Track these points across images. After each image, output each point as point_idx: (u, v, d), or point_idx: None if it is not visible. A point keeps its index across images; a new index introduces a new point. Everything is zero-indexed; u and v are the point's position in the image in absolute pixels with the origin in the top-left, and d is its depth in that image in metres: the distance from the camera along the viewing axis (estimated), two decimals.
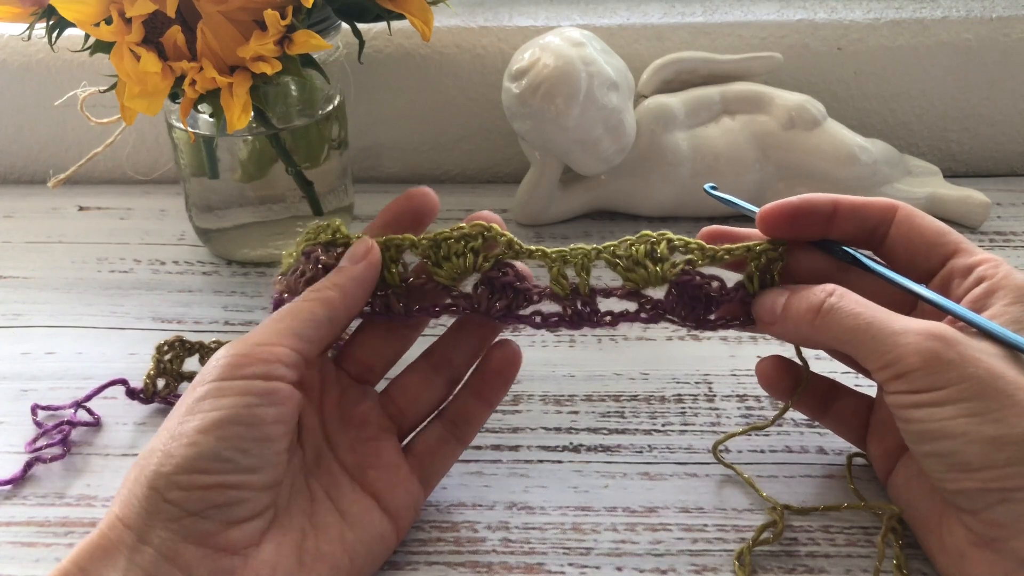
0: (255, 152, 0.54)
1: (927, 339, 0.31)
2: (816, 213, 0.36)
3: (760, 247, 0.37)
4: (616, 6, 0.65)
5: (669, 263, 0.37)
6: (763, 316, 0.36)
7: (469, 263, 0.37)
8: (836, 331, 0.33)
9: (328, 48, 0.46)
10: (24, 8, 0.46)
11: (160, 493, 0.30)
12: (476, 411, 0.39)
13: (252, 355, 0.33)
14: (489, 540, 0.38)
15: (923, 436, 0.31)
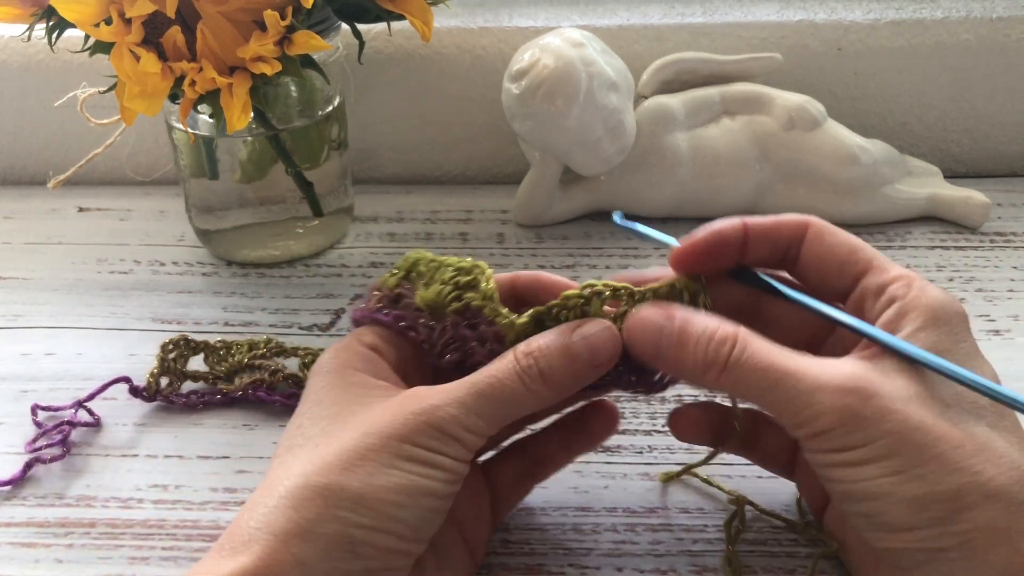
0: (255, 153, 0.54)
1: (842, 395, 0.29)
2: (727, 242, 0.34)
3: (681, 283, 0.34)
4: (616, 7, 0.65)
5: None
6: (643, 348, 0.32)
7: (444, 295, 0.34)
8: (744, 389, 0.31)
9: (328, 49, 0.46)
10: (24, 9, 0.46)
11: (354, 545, 0.29)
12: (558, 457, 0.37)
13: (461, 440, 0.31)
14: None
15: (846, 496, 0.30)
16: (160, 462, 0.42)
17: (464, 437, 0.31)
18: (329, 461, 0.30)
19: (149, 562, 0.37)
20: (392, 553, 0.30)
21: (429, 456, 0.30)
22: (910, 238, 0.57)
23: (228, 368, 0.46)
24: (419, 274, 0.36)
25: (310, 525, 0.29)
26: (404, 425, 0.30)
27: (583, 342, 0.32)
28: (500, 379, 0.32)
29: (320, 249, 0.58)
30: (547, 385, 0.32)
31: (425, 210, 0.62)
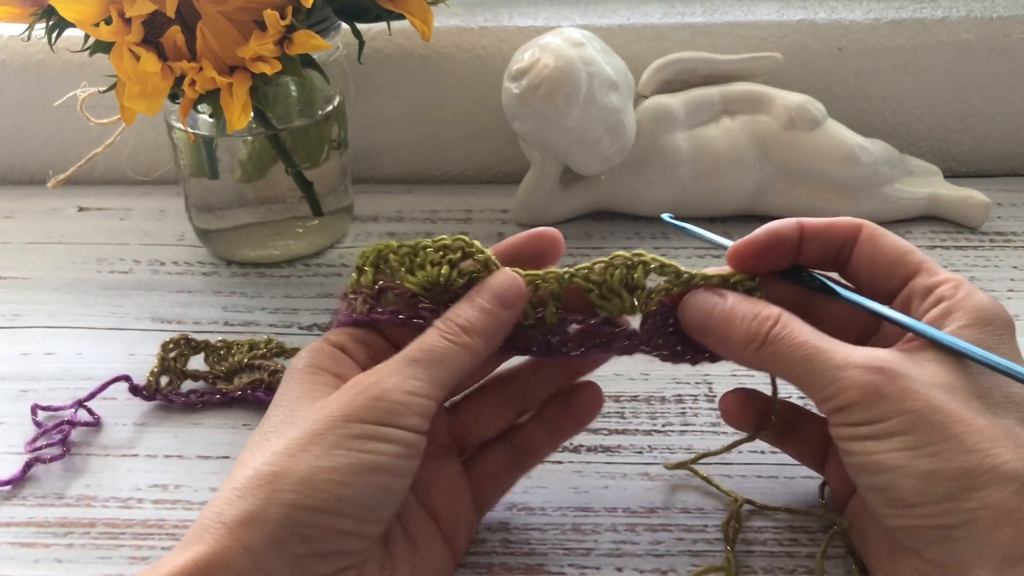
0: (255, 152, 0.54)
1: (867, 372, 0.31)
2: (784, 243, 0.35)
3: (736, 278, 0.35)
4: (616, 6, 0.65)
5: (646, 293, 0.35)
6: (694, 325, 0.34)
7: (444, 274, 0.35)
8: (779, 362, 0.33)
9: (328, 48, 0.46)
10: (24, 8, 0.46)
11: (297, 526, 0.29)
12: (543, 444, 0.38)
13: (408, 405, 0.31)
14: (489, 541, 0.38)
15: (862, 469, 0.31)
16: (160, 462, 0.42)
17: (409, 402, 0.31)
18: (277, 451, 0.31)
19: (149, 562, 0.37)
20: (341, 535, 0.30)
21: (376, 430, 0.31)
22: (910, 238, 0.57)
23: (228, 368, 0.46)
24: (391, 265, 0.36)
25: (256, 511, 0.29)
26: (348, 406, 0.31)
27: (487, 292, 0.34)
28: (427, 342, 0.33)
29: (320, 249, 0.58)
30: (470, 334, 0.33)
31: (425, 209, 0.62)
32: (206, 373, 0.46)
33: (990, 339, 0.32)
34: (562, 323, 0.35)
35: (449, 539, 0.35)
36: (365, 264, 0.36)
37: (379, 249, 0.36)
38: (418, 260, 0.36)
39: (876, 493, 0.31)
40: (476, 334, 0.34)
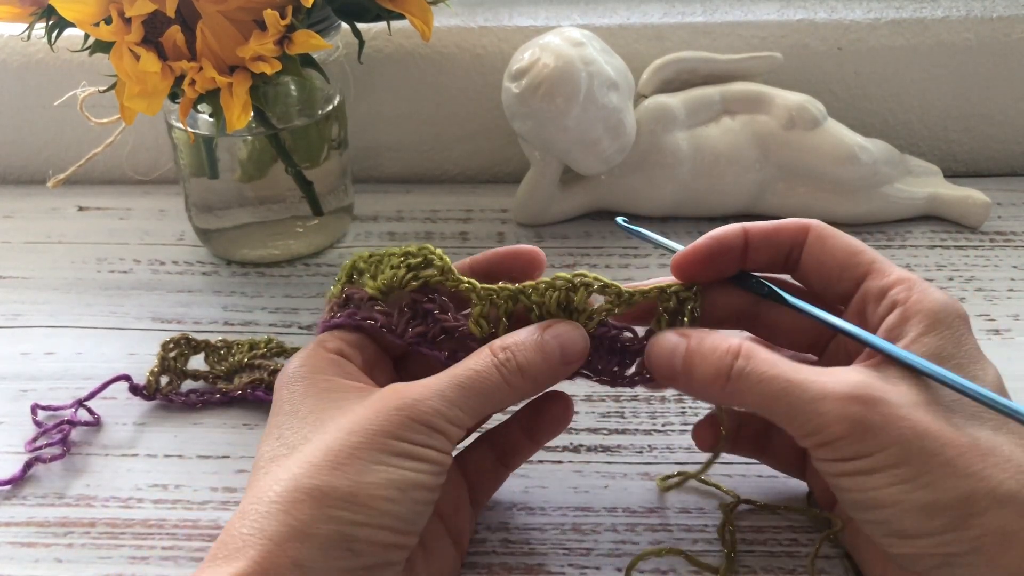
0: (255, 152, 0.54)
1: (848, 403, 0.30)
2: (728, 249, 0.34)
3: (673, 288, 0.35)
4: (616, 6, 0.65)
5: (585, 315, 0.34)
6: (659, 370, 0.34)
7: (399, 277, 0.35)
8: (749, 399, 0.31)
9: (328, 48, 0.46)
10: (24, 8, 0.46)
11: (349, 542, 0.29)
12: (524, 446, 0.38)
13: (444, 432, 0.31)
14: (489, 540, 0.38)
15: (858, 505, 0.31)
16: (160, 462, 0.42)
17: (447, 429, 0.31)
18: (316, 463, 0.30)
19: (149, 562, 0.37)
20: (388, 548, 0.30)
21: (414, 450, 0.31)
22: (910, 237, 0.57)
23: (228, 368, 0.46)
24: (360, 272, 0.37)
25: (304, 527, 0.29)
26: (388, 421, 0.31)
27: (555, 340, 0.33)
28: (479, 372, 0.32)
29: (320, 248, 0.58)
30: (524, 378, 0.33)
31: (425, 209, 0.62)
32: (206, 373, 0.46)
33: (950, 344, 0.31)
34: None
35: (455, 538, 0.35)
36: (341, 275, 0.37)
37: (354, 260, 0.37)
38: (382, 267, 0.36)
39: (875, 525, 0.31)
40: (531, 379, 0.33)
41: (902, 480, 0.29)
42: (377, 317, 0.35)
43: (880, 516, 0.30)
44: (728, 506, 0.38)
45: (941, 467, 0.29)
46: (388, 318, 0.35)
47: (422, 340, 0.35)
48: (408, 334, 0.35)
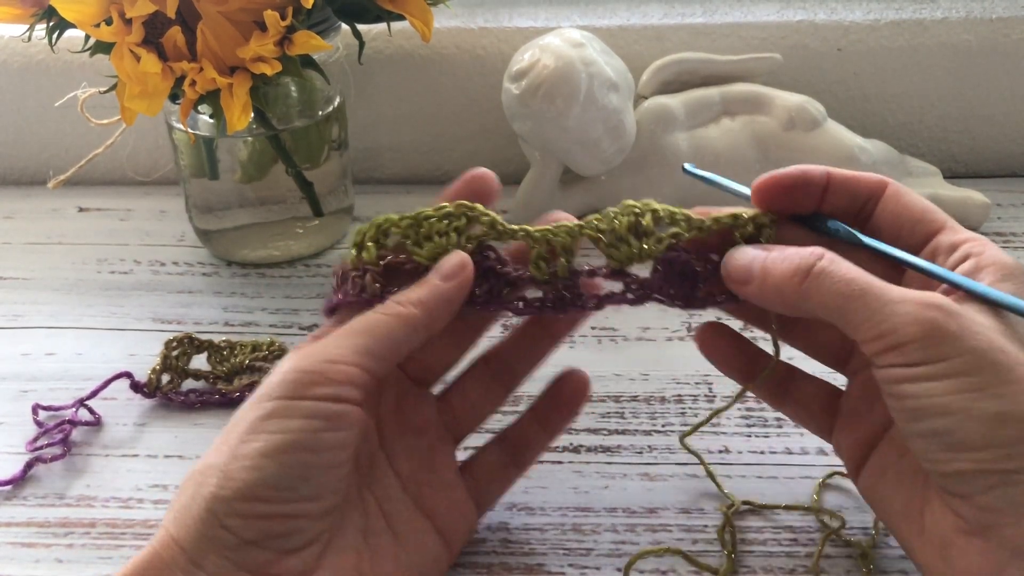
0: (255, 153, 0.54)
1: (926, 308, 0.29)
2: (811, 184, 0.34)
3: (748, 215, 0.34)
4: (616, 7, 0.65)
5: (654, 238, 0.34)
6: (736, 274, 0.33)
7: (451, 243, 0.34)
8: (824, 297, 0.31)
9: (328, 49, 0.46)
10: (24, 9, 0.46)
11: (217, 518, 0.29)
12: (538, 438, 0.38)
13: (323, 373, 0.30)
14: (489, 540, 0.38)
15: (918, 413, 0.29)
16: (160, 462, 0.42)
17: (325, 370, 0.30)
18: (212, 445, 0.31)
19: None
20: (264, 519, 0.30)
21: (287, 405, 0.30)
22: None
23: (230, 368, 0.46)
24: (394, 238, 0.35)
25: (182, 508, 0.30)
26: (266, 385, 0.31)
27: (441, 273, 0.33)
28: (359, 318, 0.32)
29: (320, 249, 0.58)
30: (405, 306, 0.32)
31: None
32: (207, 373, 0.46)
33: (1022, 292, 0.31)
34: (574, 276, 0.35)
35: (445, 534, 0.35)
36: (365, 240, 0.35)
37: (379, 224, 0.35)
38: (423, 231, 0.35)
39: (932, 438, 0.29)
40: (411, 304, 0.32)
41: (972, 388, 0.28)
42: None
43: (941, 425, 0.29)
44: (728, 508, 0.38)
45: (1014, 382, 0.28)
46: None
47: (489, 298, 0.35)
48: (475, 296, 0.34)
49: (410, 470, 0.35)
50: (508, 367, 0.37)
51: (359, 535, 0.32)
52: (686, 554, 0.36)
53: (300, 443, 0.30)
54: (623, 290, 0.35)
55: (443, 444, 0.36)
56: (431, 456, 0.36)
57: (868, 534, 0.37)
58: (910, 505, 0.32)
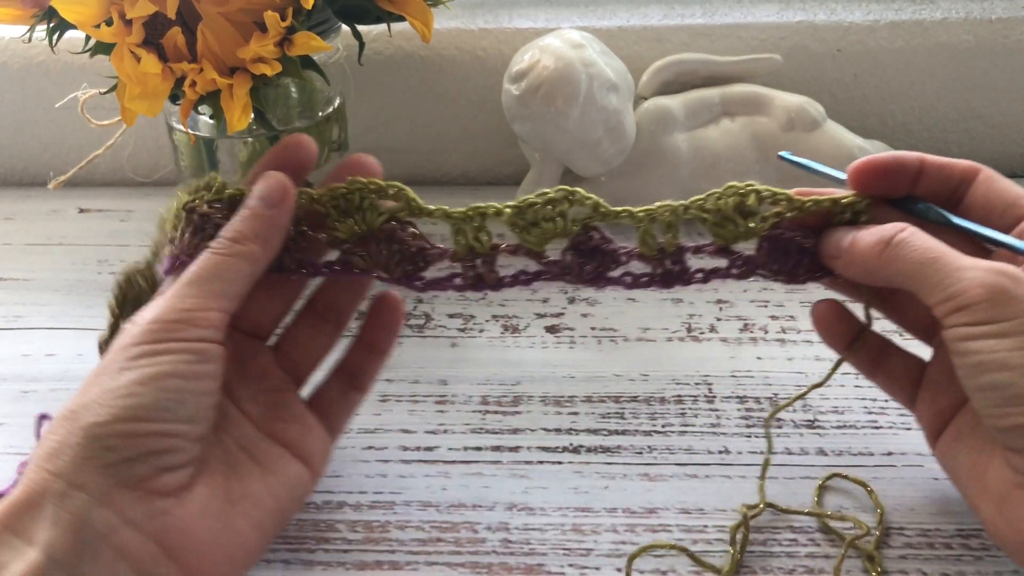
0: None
1: (994, 274, 0.32)
2: (905, 168, 0.37)
3: (847, 199, 0.37)
4: (616, 8, 0.65)
5: (759, 217, 0.37)
6: (828, 250, 0.37)
7: (559, 227, 0.37)
8: (902, 264, 0.34)
9: (328, 50, 0.46)
10: (25, 10, 0.46)
11: (99, 440, 0.31)
12: (370, 361, 0.40)
13: (185, 321, 0.33)
14: (489, 541, 0.38)
15: (980, 368, 0.31)
16: None
17: (185, 318, 0.33)
18: (77, 392, 0.32)
19: None
20: (144, 437, 0.31)
21: (155, 347, 0.32)
22: None
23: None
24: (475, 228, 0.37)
25: (59, 443, 0.31)
26: (127, 335, 0.33)
27: (254, 197, 0.36)
28: (199, 263, 0.34)
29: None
30: (242, 243, 0.35)
31: None
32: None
33: None
34: (680, 252, 0.37)
35: (303, 458, 0.36)
36: (214, 192, 0.37)
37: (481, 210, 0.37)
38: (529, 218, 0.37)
39: (992, 392, 0.31)
40: (247, 240, 0.35)
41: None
42: (552, 268, 0.38)
43: (1001, 379, 0.31)
44: (750, 508, 0.38)
45: None
46: (557, 265, 0.37)
47: (598, 275, 0.37)
48: (585, 274, 0.37)
49: (258, 412, 0.37)
50: (333, 307, 0.40)
51: (225, 465, 0.34)
52: (690, 552, 0.37)
53: (173, 372, 0.32)
54: (728, 266, 0.38)
55: (285, 386, 0.38)
56: (276, 398, 0.37)
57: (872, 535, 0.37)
58: (977, 467, 0.34)
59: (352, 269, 0.38)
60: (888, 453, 0.41)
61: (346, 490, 0.40)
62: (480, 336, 0.50)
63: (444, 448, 0.42)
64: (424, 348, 0.49)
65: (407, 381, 0.47)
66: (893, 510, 0.39)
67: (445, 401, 0.45)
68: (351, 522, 0.39)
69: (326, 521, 0.39)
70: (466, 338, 0.50)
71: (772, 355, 0.48)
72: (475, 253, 0.37)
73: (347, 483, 0.41)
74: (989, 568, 0.36)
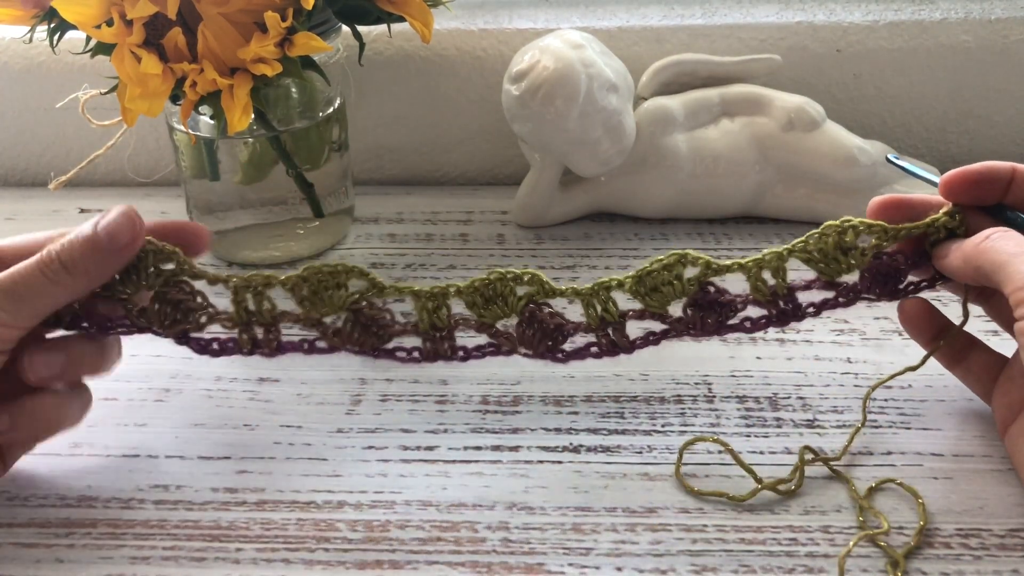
0: (256, 154, 0.54)
1: None
2: (996, 178, 0.39)
3: (940, 221, 0.40)
4: (615, 8, 0.65)
5: (859, 252, 0.40)
6: (939, 252, 0.40)
7: (677, 291, 0.40)
8: (991, 256, 0.36)
9: (328, 50, 0.46)
10: (26, 10, 0.46)
11: None
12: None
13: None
14: (489, 540, 0.38)
15: None
16: (161, 462, 0.42)
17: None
18: None
19: (150, 562, 0.37)
20: None
21: None
22: None
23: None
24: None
25: None
26: None
27: (104, 231, 0.36)
28: (21, 273, 0.34)
29: (321, 250, 0.58)
30: (71, 274, 0.35)
31: (425, 211, 0.62)
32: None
33: None
34: (791, 292, 0.41)
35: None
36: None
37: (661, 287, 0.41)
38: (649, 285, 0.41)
39: None
40: (78, 273, 0.35)
41: None
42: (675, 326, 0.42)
43: None
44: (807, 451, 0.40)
45: None
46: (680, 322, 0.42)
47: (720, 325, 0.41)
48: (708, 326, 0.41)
49: None
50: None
51: None
52: (733, 452, 0.40)
53: None
54: (835, 296, 0.41)
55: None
56: None
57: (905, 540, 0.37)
58: None
59: (665, 334, 0.42)
60: (888, 453, 0.41)
61: (346, 489, 0.40)
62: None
63: (444, 448, 0.42)
64: None
65: (407, 381, 0.47)
66: (893, 510, 0.39)
67: (445, 401, 0.45)
68: (351, 521, 0.39)
69: (326, 520, 0.39)
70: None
71: (772, 355, 0.48)
72: (606, 323, 0.41)
73: (347, 483, 0.41)
74: (989, 568, 0.36)
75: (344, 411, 0.45)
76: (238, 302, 0.40)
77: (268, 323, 0.40)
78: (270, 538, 0.38)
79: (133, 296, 0.39)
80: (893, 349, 0.48)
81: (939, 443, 0.42)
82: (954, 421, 0.43)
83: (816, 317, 0.41)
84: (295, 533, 0.38)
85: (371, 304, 0.40)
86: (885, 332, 0.49)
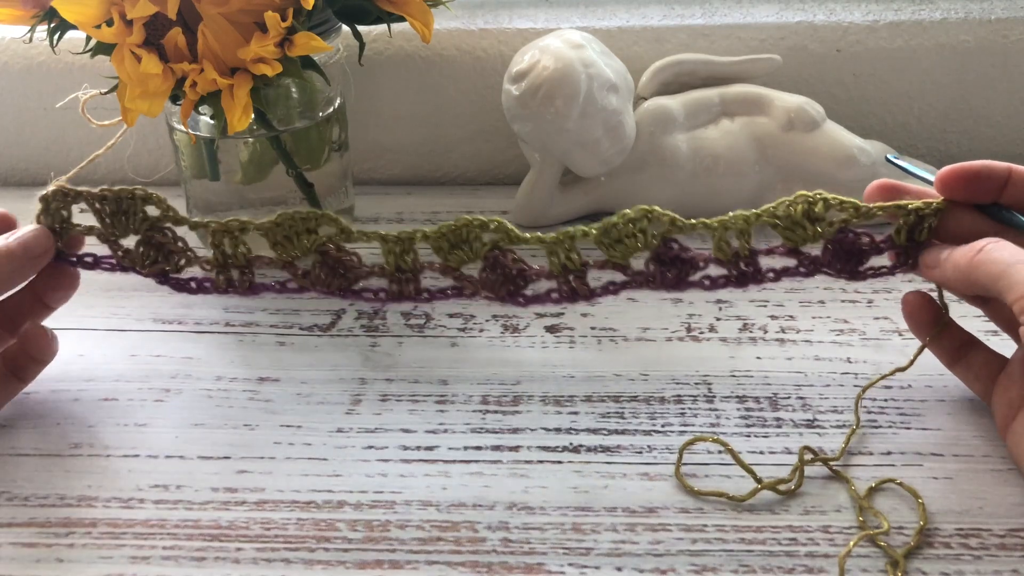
0: (256, 154, 0.54)
1: None
2: (992, 177, 0.39)
3: (913, 205, 0.40)
4: (615, 8, 0.65)
5: (826, 223, 0.40)
6: (928, 260, 0.40)
7: (641, 242, 0.41)
8: (988, 267, 0.36)
9: (328, 50, 0.46)
10: (26, 10, 0.46)
11: None
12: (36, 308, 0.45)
13: None
14: (489, 540, 0.38)
15: None
16: (161, 462, 0.42)
17: None
18: None
19: (150, 562, 0.37)
20: None
21: None
22: None
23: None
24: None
25: None
26: None
27: (17, 242, 0.44)
28: None
29: None
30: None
31: (425, 211, 0.62)
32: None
33: None
34: (753, 255, 0.41)
35: None
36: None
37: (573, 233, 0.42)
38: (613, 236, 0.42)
39: None
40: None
41: None
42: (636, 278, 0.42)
43: None
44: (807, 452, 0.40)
45: None
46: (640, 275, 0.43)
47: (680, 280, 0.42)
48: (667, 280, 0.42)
49: None
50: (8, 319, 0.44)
51: None
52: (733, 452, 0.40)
53: None
54: (796, 265, 0.42)
55: None
56: None
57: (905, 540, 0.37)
58: None
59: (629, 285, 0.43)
60: (888, 453, 0.41)
61: (346, 489, 0.40)
62: (480, 336, 0.50)
63: (444, 448, 0.43)
64: (424, 348, 0.49)
65: (407, 381, 0.47)
66: (893, 510, 0.39)
67: (445, 401, 0.45)
68: (351, 521, 0.39)
69: (326, 520, 0.39)
70: (466, 338, 0.50)
71: (772, 355, 0.48)
72: (568, 270, 0.42)
73: (347, 482, 0.41)
74: (989, 568, 0.36)
75: (344, 411, 0.45)
76: (216, 245, 0.43)
77: (243, 265, 0.43)
78: (270, 538, 0.38)
79: (121, 238, 0.44)
80: (893, 349, 0.48)
81: (939, 443, 0.42)
82: (954, 421, 0.43)
83: (775, 283, 0.42)
84: (295, 533, 0.38)
85: (338, 247, 0.43)
86: (885, 332, 0.49)
